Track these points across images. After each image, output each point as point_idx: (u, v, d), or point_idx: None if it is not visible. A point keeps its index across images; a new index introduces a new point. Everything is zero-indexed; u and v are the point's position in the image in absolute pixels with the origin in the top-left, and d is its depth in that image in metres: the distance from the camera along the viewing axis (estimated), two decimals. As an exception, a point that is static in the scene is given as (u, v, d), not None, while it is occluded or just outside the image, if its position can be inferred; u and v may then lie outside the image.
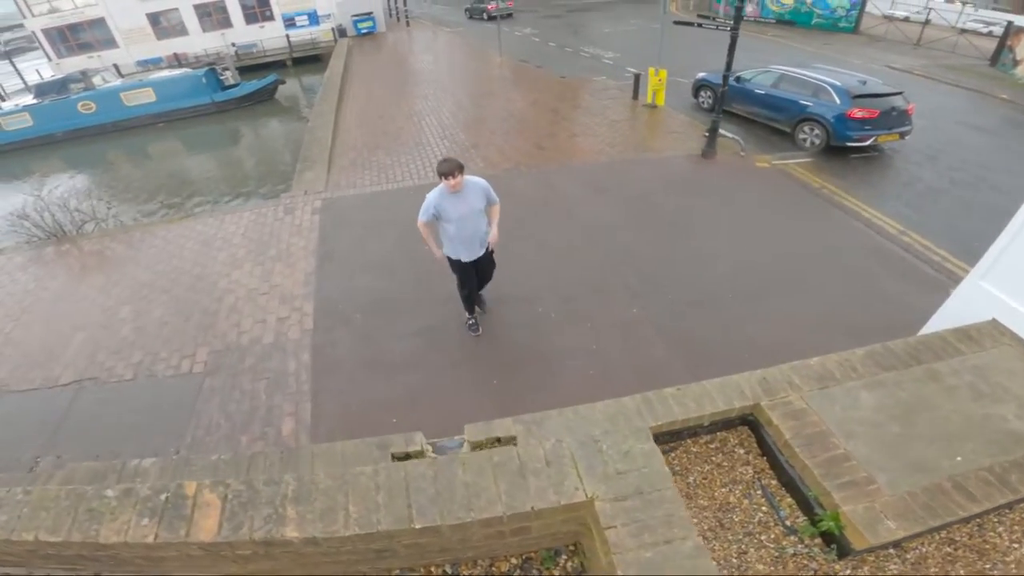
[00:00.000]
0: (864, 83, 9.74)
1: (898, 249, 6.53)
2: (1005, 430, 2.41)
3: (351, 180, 8.49)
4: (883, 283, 5.85)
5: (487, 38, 23.59)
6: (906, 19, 26.70)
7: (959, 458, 2.32)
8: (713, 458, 2.69)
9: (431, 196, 4.16)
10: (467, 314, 5.06)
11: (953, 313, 3.47)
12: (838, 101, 9.35)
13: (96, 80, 18.94)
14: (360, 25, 27.38)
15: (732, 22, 8.21)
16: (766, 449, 2.62)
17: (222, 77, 20.10)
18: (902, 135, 9.64)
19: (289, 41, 26.89)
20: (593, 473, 1.74)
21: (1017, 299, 2.99)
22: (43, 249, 7.31)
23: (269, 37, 27.20)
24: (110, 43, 25.80)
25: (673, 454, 2.71)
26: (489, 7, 31.10)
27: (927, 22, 22.91)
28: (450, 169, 3.96)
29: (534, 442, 1.89)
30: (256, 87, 19.41)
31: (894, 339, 3.21)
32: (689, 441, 2.76)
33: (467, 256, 4.41)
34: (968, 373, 2.76)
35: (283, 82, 20.44)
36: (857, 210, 7.54)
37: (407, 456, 2.58)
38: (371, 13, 27.79)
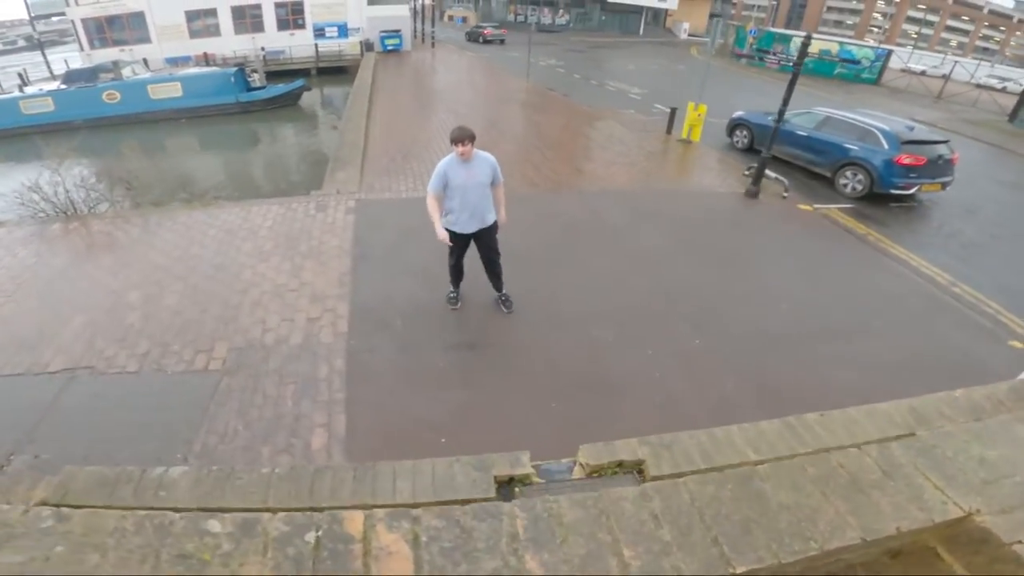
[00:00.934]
0: (912, 129, 9.51)
1: (951, 300, 6.22)
2: None
3: (385, 184, 8.10)
4: (944, 332, 5.55)
5: (511, 64, 23.86)
6: (923, 73, 27.32)
7: None
8: None
9: (440, 165, 4.33)
10: (451, 285, 5.09)
11: None
12: (886, 146, 9.06)
13: (126, 72, 18.85)
14: (387, 41, 27.72)
15: (795, 58, 8.04)
16: None
17: (249, 79, 20.08)
18: (944, 186, 9.36)
19: (317, 50, 27.12)
20: (954, 483, 1.39)
21: None
22: (49, 225, 6.78)
23: (298, 45, 27.46)
24: (144, 38, 25.92)
25: None
26: (485, 32, 33.38)
27: (948, 77, 23.32)
28: (461, 136, 4.11)
29: (854, 451, 1.48)
30: (283, 91, 19.34)
31: (972, 385, 2.97)
32: None
33: (464, 227, 4.52)
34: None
35: (309, 88, 20.43)
36: (905, 259, 7.23)
37: (511, 480, 2.11)
38: (399, 31, 28.20)
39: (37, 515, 1.01)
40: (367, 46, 27.49)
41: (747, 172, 9.72)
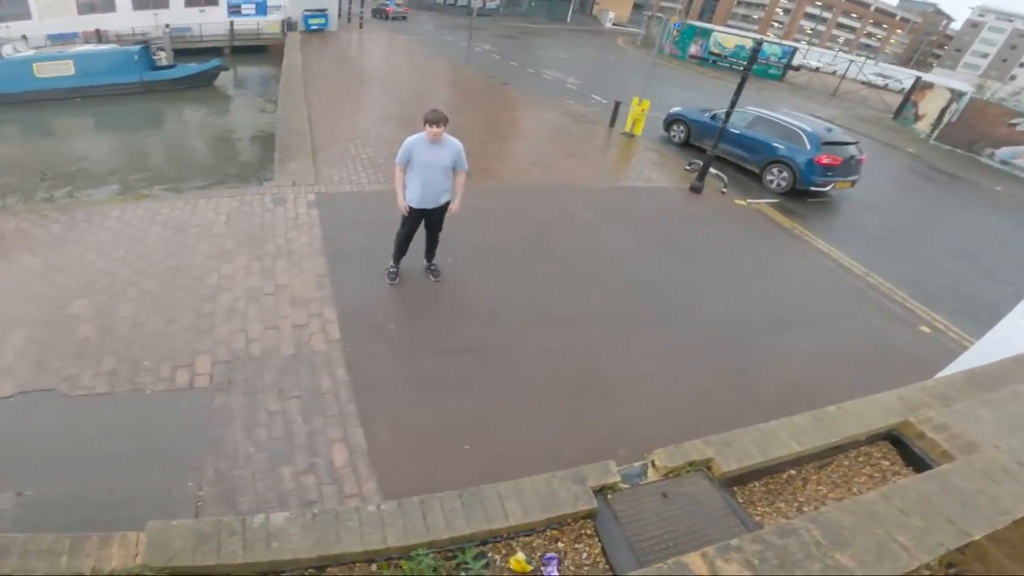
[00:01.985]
0: (830, 130, 10.52)
1: (868, 289, 7.05)
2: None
3: (344, 175, 7.68)
4: (867, 319, 6.32)
5: (445, 48, 23.37)
6: (817, 70, 30.12)
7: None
8: (863, 471, 2.74)
9: (409, 140, 4.53)
10: (392, 261, 5.22)
11: (990, 350, 3.81)
12: (808, 146, 9.95)
13: (6, 49, 16.18)
14: (312, 21, 25.74)
15: (745, 63, 8.62)
16: (913, 460, 2.73)
17: (155, 57, 18.03)
18: (853, 183, 10.56)
19: (232, 28, 24.66)
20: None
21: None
22: (-57, 223, 5.74)
23: (209, 22, 24.73)
24: (22, 14, 21.86)
25: (830, 467, 2.73)
26: (388, 9, 33.40)
27: (844, 76, 25.98)
28: (437, 118, 4.34)
29: (990, 449, 2.00)
30: (195, 71, 17.56)
31: (899, 371, 4.37)
32: (841, 456, 2.79)
33: (419, 203, 4.72)
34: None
35: (226, 68, 18.68)
36: (827, 251, 8.05)
37: (603, 488, 2.24)
38: (325, 10, 26.30)
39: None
40: (289, 25, 25.45)
41: (688, 167, 10.34)
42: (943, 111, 18.13)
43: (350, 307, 4.82)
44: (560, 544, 2.13)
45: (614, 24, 45.94)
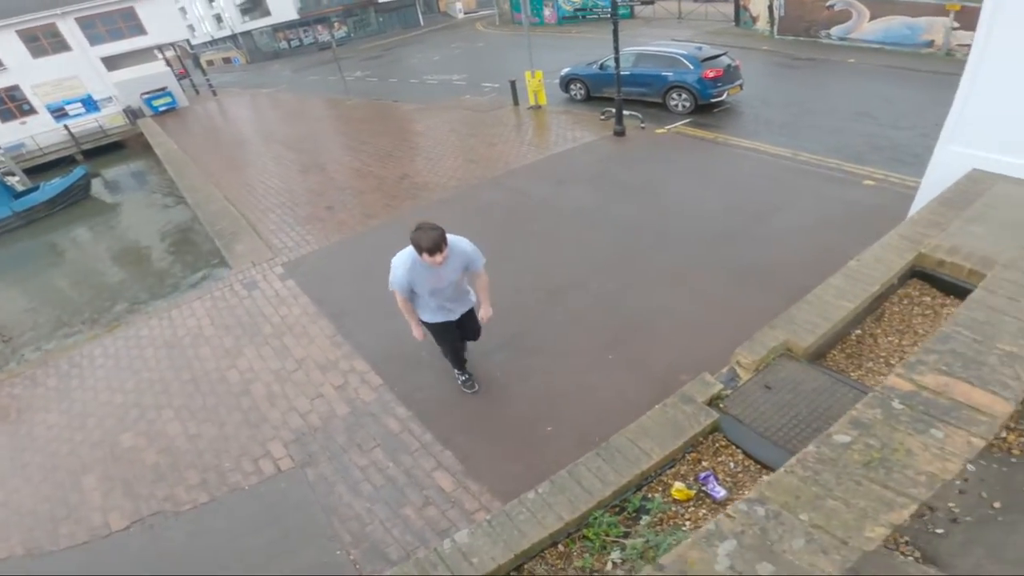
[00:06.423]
0: (700, 48, 11.59)
1: (803, 166, 7.92)
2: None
3: (297, 238, 7.62)
4: (820, 188, 7.12)
5: (316, 88, 22.81)
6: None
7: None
8: (914, 312, 2.95)
9: (400, 268, 3.38)
10: (457, 371, 4.40)
11: (938, 179, 3.90)
12: (691, 67, 10.94)
13: None
14: (155, 103, 23.90)
15: (610, 12, 9.27)
16: (948, 288, 2.97)
17: (9, 184, 16.35)
18: (741, 87, 11.64)
19: (71, 132, 22.69)
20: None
21: (983, 150, 3.59)
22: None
23: (39, 132, 22.64)
24: None
25: (885, 318, 2.94)
26: (181, 72, 30.58)
27: None
28: (436, 243, 3.08)
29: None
30: (65, 185, 16.11)
31: (870, 221, 4.48)
32: (886, 303, 3.02)
33: (444, 317, 3.78)
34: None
35: (96, 175, 17.29)
36: (753, 147, 8.92)
37: (711, 400, 2.54)
38: (165, 88, 24.54)
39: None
40: (133, 113, 23.70)
41: (603, 117, 11.03)
42: (770, 9, 19.67)
43: (376, 352, 5.00)
44: (704, 463, 2.33)
45: (466, 13, 46.18)
